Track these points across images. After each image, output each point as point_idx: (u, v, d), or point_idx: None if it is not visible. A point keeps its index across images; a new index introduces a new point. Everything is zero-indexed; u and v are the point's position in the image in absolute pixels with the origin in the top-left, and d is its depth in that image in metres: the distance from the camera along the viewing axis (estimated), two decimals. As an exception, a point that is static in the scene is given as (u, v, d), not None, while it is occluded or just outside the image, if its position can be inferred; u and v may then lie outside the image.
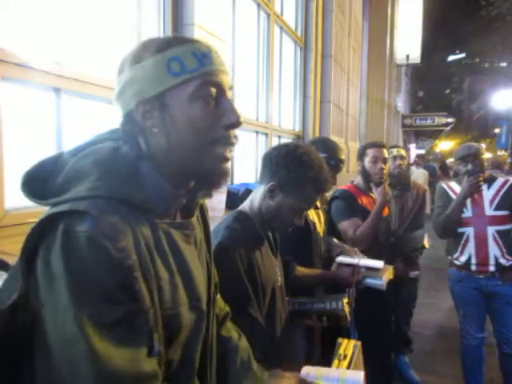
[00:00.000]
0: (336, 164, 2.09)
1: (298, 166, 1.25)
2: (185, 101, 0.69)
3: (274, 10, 3.76)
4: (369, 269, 1.75)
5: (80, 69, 1.53)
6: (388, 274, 1.79)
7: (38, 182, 0.67)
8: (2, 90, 1.21)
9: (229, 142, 0.74)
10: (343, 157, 2.18)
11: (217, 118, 0.72)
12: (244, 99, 3.27)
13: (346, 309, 1.53)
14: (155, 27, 2.09)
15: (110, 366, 0.57)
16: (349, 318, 1.54)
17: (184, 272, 0.73)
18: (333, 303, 1.52)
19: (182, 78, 0.68)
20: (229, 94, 0.75)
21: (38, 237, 0.61)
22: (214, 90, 0.71)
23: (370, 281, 1.72)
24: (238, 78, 3.07)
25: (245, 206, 1.36)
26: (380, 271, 1.74)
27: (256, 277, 1.21)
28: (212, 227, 0.97)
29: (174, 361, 0.71)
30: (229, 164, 0.76)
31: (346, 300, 1.54)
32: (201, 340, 0.78)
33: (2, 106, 1.20)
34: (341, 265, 1.78)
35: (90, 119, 1.62)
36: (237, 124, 0.73)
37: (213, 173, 0.74)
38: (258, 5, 3.49)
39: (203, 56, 0.70)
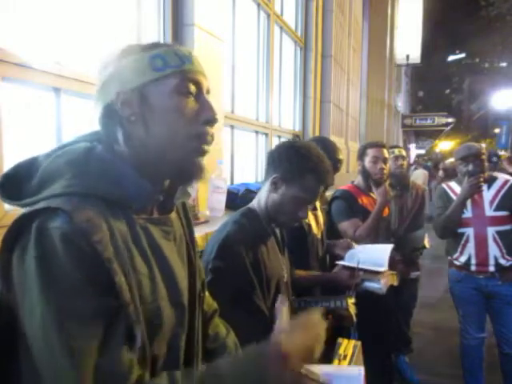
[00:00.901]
0: (334, 164, 2.08)
1: (298, 157, 1.30)
2: (165, 93, 0.72)
3: (274, 10, 3.76)
4: (369, 272, 1.72)
5: (80, 69, 1.53)
6: (390, 279, 1.76)
7: (14, 185, 0.68)
8: (2, 90, 1.21)
9: (206, 138, 0.76)
10: (341, 157, 2.18)
11: (195, 113, 0.74)
12: (244, 99, 3.27)
13: (352, 309, 1.52)
14: (155, 27, 2.09)
15: (88, 365, 0.57)
16: (354, 318, 1.53)
17: (163, 267, 0.73)
18: (337, 302, 1.52)
19: (163, 73, 0.72)
20: (206, 94, 0.78)
21: (15, 236, 0.62)
22: (193, 87, 0.74)
23: (368, 284, 1.70)
24: (238, 78, 3.07)
25: (253, 203, 1.41)
26: (380, 274, 1.72)
27: (261, 270, 1.24)
28: (213, 227, 0.97)
29: (158, 357, 0.71)
30: (203, 159, 0.77)
31: (351, 300, 1.54)
32: (184, 336, 0.78)
33: (2, 106, 1.20)
34: (341, 267, 1.77)
35: (90, 119, 1.62)
36: (213, 120, 0.76)
37: (189, 167, 0.75)
38: (258, 5, 3.49)
39: (184, 56, 0.74)
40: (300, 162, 1.30)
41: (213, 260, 1.20)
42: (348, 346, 1.31)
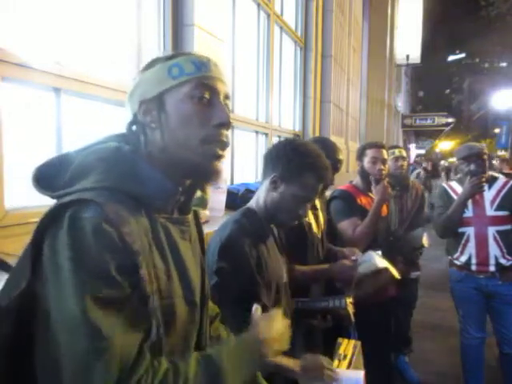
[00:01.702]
0: (333, 164, 2.08)
1: (296, 155, 1.30)
2: (179, 99, 0.75)
3: (274, 10, 3.76)
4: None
5: (80, 69, 1.53)
6: (383, 262, 1.78)
7: (46, 178, 0.72)
8: (2, 89, 1.21)
9: (219, 141, 0.77)
10: (341, 157, 2.17)
11: (208, 117, 0.76)
12: (244, 99, 3.27)
13: (350, 308, 1.52)
14: (155, 27, 2.09)
15: (108, 347, 0.59)
16: (352, 318, 1.53)
17: (179, 265, 0.76)
18: (336, 301, 1.52)
19: (179, 80, 0.75)
20: (223, 100, 0.79)
21: (46, 225, 0.64)
22: (207, 92, 0.76)
23: (361, 266, 1.69)
24: (238, 78, 3.07)
25: (252, 202, 1.40)
26: (372, 256, 1.75)
27: (263, 270, 1.23)
28: (213, 227, 0.99)
29: (171, 353, 0.72)
30: (221, 162, 0.78)
31: (349, 299, 1.54)
32: (195, 332, 0.81)
33: (2, 105, 1.20)
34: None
35: (90, 119, 1.62)
36: (226, 123, 0.77)
37: (204, 170, 0.77)
38: (258, 5, 3.49)
39: (201, 63, 0.77)
40: (298, 160, 1.29)
41: (217, 262, 1.18)
42: (348, 346, 1.31)
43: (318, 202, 1.96)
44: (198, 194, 0.87)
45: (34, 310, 0.64)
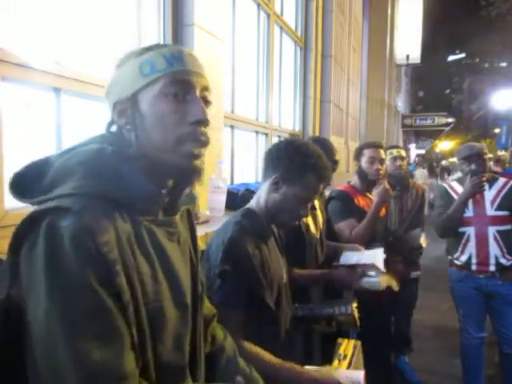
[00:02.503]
0: (331, 165, 2.07)
1: (298, 155, 1.30)
2: (152, 99, 0.72)
3: (274, 10, 3.76)
4: (368, 267, 1.72)
5: (80, 69, 1.53)
6: (388, 281, 1.77)
7: (26, 183, 0.70)
8: (2, 89, 1.21)
9: (196, 139, 0.74)
10: (337, 158, 2.17)
11: (182, 114, 0.73)
12: (244, 99, 3.27)
13: (356, 313, 1.52)
14: (155, 27, 2.09)
15: (89, 363, 0.57)
16: (358, 322, 1.53)
17: (167, 268, 0.74)
18: (342, 308, 1.50)
19: (151, 78, 0.72)
20: (201, 93, 0.76)
21: (24, 233, 0.63)
22: (181, 88, 0.73)
23: (366, 280, 1.69)
24: (238, 78, 3.07)
25: (252, 203, 1.39)
26: (378, 271, 1.72)
27: (266, 271, 1.23)
28: (212, 227, 0.97)
29: (163, 356, 0.71)
30: (200, 160, 0.76)
31: (354, 304, 1.53)
32: (188, 334, 0.79)
33: (2, 105, 1.20)
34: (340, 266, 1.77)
35: (90, 119, 1.62)
36: (203, 121, 0.74)
37: (183, 170, 0.75)
38: (258, 5, 3.49)
39: (172, 57, 0.73)
40: (300, 161, 1.29)
41: (220, 264, 1.16)
42: (348, 346, 1.31)
43: (316, 202, 1.96)
44: (187, 190, 0.83)
45: (19, 318, 0.62)
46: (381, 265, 1.75)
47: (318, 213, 1.98)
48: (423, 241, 2.97)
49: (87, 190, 0.66)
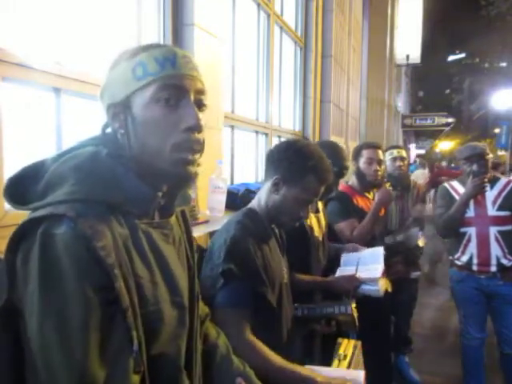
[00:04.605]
0: (339, 170, 2.06)
1: (299, 156, 1.29)
2: (144, 104, 0.71)
3: (274, 10, 3.76)
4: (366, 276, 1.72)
5: (80, 69, 1.53)
6: (384, 283, 1.77)
7: (20, 188, 0.69)
8: (2, 89, 1.21)
9: (189, 147, 0.72)
10: (348, 163, 2.16)
11: (175, 121, 0.71)
12: (244, 99, 3.27)
13: (355, 313, 1.52)
14: (155, 27, 2.09)
15: (86, 379, 0.57)
16: (357, 323, 1.53)
17: (164, 270, 0.74)
18: (342, 308, 1.51)
19: (143, 82, 0.71)
20: (196, 97, 0.74)
21: (19, 240, 0.62)
22: (173, 93, 0.71)
23: (366, 287, 1.69)
24: (238, 78, 3.07)
25: (253, 203, 1.39)
26: (377, 278, 1.72)
27: (267, 270, 1.23)
28: (212, 227, 0.97)
29: (160, 357, 0.71)
30: (194, 166, 0.74)
31: (354, 305, 1.53)
32: (185, 335, 0.79)
33: (2, 105, 1.20)
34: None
35: (90, 119, 1.62)
36: (195, 127, 0.72)
37: (177, 177, 0.74)
38: (258, 5, 3.49)
39: (164, 60, 0.71)
40: (300, 162, 1.29)
41: (223, 263, 1.16)
42: (348, 346, 1.31)
43: (320, 205, 1.96)
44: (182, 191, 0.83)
45: (18, 324, 0.62)
46: (381, 265, 1.75)
47: (321, 215, 1.98)
48: (421, 241, 2.97)
49: (82, 196, 0.65)
